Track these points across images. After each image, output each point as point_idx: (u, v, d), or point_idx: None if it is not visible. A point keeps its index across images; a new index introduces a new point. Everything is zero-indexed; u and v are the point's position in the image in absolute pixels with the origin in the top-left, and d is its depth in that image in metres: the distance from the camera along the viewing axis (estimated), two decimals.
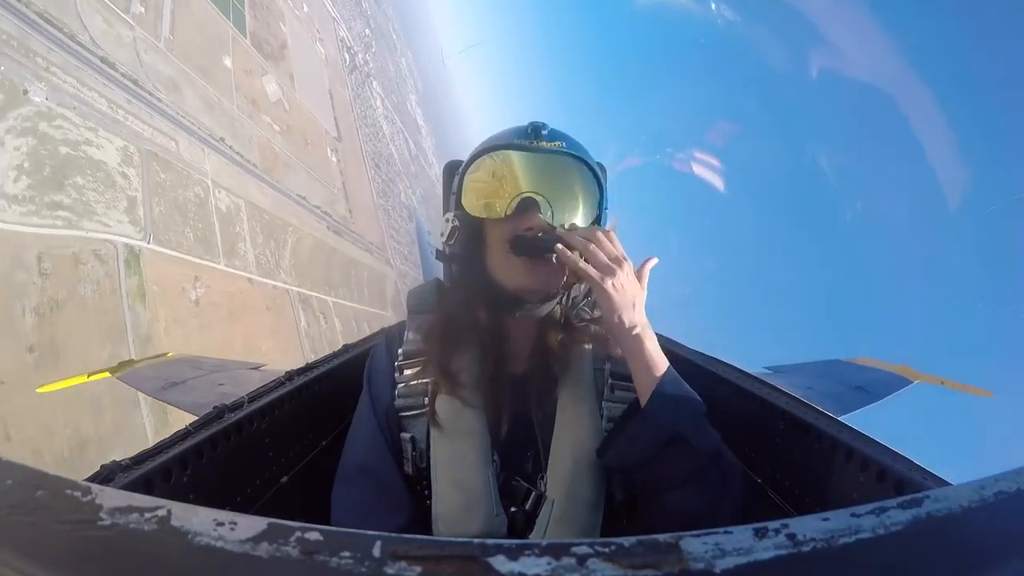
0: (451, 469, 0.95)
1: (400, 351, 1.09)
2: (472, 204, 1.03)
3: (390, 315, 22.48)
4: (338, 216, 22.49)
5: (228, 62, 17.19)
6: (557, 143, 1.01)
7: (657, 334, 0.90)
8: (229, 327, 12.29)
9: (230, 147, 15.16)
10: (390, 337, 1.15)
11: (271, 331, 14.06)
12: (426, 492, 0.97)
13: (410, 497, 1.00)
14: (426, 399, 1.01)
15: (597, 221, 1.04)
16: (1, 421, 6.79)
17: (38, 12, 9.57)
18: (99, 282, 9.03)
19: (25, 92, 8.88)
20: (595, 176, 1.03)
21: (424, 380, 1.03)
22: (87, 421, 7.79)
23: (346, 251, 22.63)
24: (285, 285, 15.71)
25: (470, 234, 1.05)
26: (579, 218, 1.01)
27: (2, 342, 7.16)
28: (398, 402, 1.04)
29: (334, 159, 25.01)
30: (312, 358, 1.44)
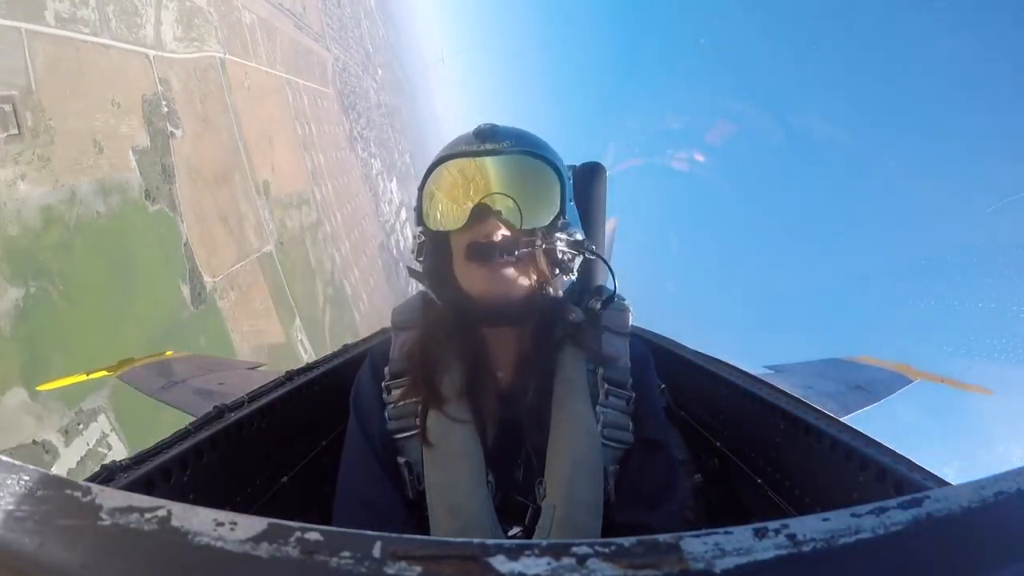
0: (445, 495, 0.93)
1: (386, 370, 1.07)
2: (431, 218, 1.03)
3: (330, 92, 32.00)
4: (297, 13, 28.63)
5: None
6: (505, 142, 0.98)
7: (658, 335, 0.90)
8: (261, 105, 20.30)
9: None
10: (375, 357, 1.12)
11: (278, 107, 22.15)
12: (425, 515, 0.95)
13: (411, 526, 0.97)
14: (417, 420, 0.99)
15: (560, 215, 1.01)
16: (196, 166, 13.81)
17: None
18: (215, 81, 16.48)
19: None
20: (553, 169, 1.00)
21: (412, 400, 1.01)
22: None
23: (304, 42, 29.92)
24: (279, 73, 23.59)
25: (436, 248, 1.05)
26: (539, 216, 0.98)
27: (190, 116, 14.09)
28: (390, 424, 1.01)
29: None
30: (296, 124, 1.42)
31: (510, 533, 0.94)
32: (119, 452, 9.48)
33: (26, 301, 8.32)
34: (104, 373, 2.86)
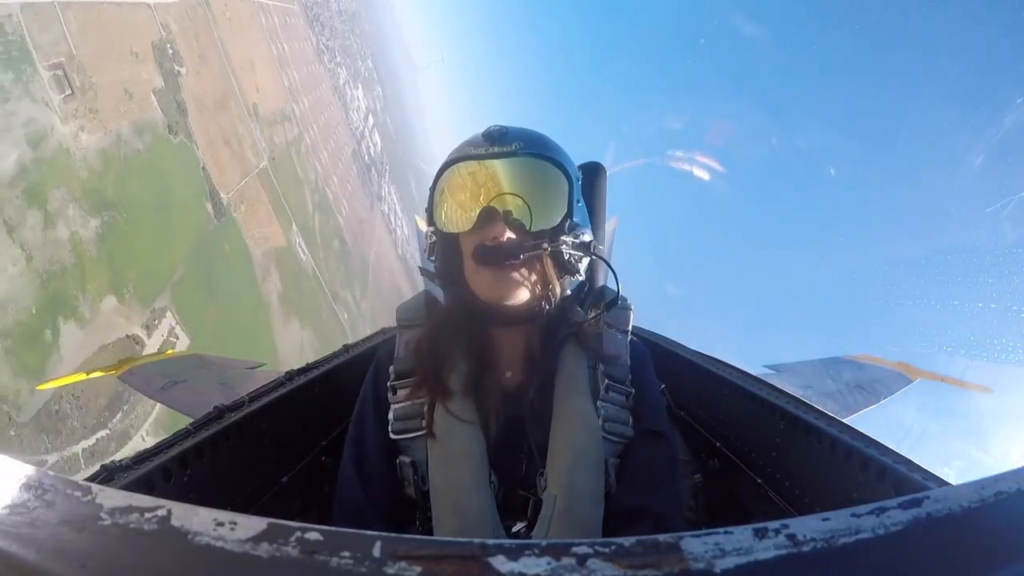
0: (449, 495, 0.93)
1: (391, 369, 1.07)
2: (442, 220, 1.04)
3: (295, 8, 34.11)
4: None
5: None
6: (514, 145, 0.99)
7: (658, 335, 0.90)
8: (242, 34, 22.46)
9: None
10: (380, 359, 1.13)
11: (255, 31, 24.70)
12: (429, 515, 0.96)
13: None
14: (423, 420, 1.00)
15: (568, 216, 1.02)
16: (200, 97, 16.49)
17: None
18: (204, 17, 18.54)
19: None
20: (561, 171, 1.01)
21: (418, 400, 1.01)
22: None
23: None
24: None
25: (446, 248, 1.07)
26: (546, 218, 0.99)
27: (189, 54, 16.30)
28: (395, 425, 1.02)
29: None
30: (272, 45, 1.42)
31: (514, 529, 0.94)
32: (183, 343, 12.06)
33: (102, 228, 10.67)
34: (102, 373, 2.86)
